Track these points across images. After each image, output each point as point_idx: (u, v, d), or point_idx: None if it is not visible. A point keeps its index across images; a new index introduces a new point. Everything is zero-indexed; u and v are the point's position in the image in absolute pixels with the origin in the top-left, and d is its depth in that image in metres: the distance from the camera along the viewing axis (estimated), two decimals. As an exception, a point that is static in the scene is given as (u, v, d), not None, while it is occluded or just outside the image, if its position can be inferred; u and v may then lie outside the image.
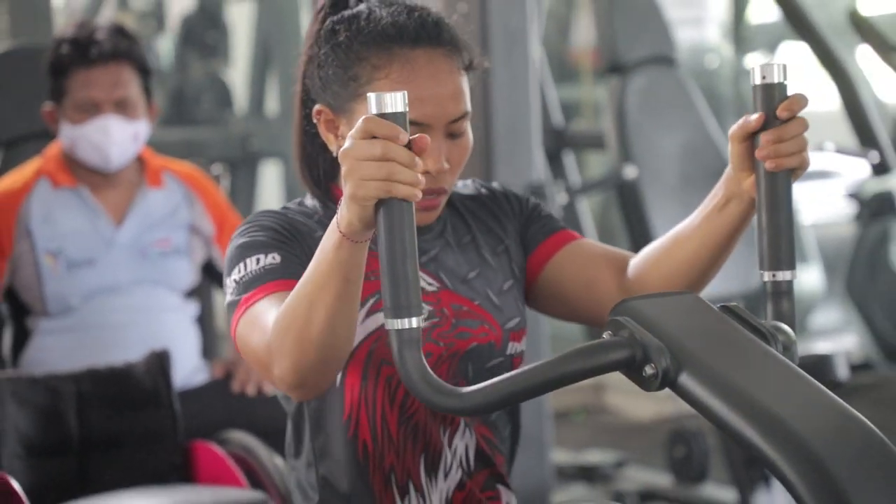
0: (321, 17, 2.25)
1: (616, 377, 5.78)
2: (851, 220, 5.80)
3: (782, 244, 2.06)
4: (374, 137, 1.78)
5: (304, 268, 2.01)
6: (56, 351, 3.50)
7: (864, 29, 5.76)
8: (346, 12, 2.22)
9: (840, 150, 5.30)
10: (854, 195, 5.68)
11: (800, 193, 6.28)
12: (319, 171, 2.31)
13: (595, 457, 5.18)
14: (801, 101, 2.01)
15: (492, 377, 2.13)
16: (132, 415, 3.21)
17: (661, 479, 5.01)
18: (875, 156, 5.40)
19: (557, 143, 5.26)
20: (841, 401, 1.76)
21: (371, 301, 2.23)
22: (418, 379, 1.82)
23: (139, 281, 3.61)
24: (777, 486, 4.60)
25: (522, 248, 2.40)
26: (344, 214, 1.84)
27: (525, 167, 4.25)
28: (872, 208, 5.60)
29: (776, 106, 2.00)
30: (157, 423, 3.22)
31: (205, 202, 3.70)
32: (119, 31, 3.58)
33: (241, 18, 7.35)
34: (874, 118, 5.48)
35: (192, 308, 3.69)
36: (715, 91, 5.78)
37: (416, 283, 1.81)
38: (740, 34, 6.53)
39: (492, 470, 2.33)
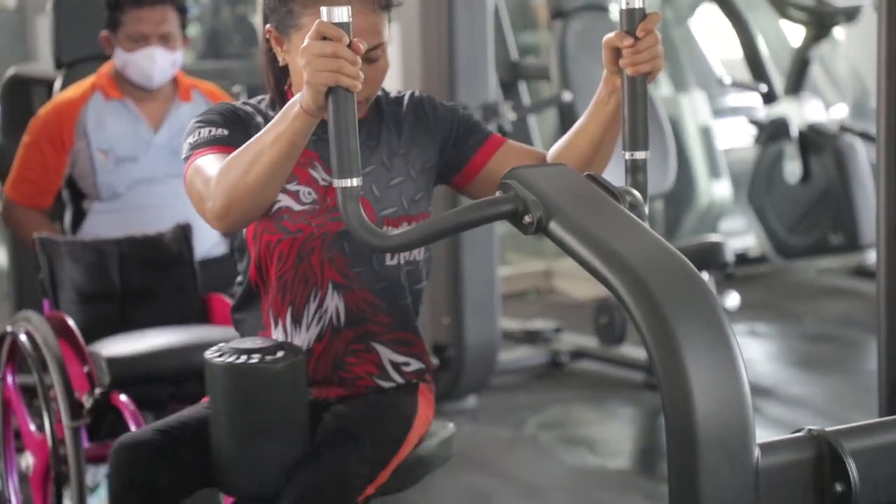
0: None
1: (564, 267, 6.17)
2: (753, 144, 5.91)
3: (639, 131, 2.12)
4: (325, 38, 1.88)
5: (243, 143, 2.09)
6: (105, 227, 3.52)
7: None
8: None
9: (735, 83, 5.42)
10: (754, 121, 5.79)
11: (717, 127, 6.38)
12: (275, 76, 2.36)
13: (538, 325, 5.26)
14: (654, 19, 2.08)
15: (374, 255, 2.27)
16: (161, 272, 3.29)
17: (589, 342, 5.11)
18: (764, 87, 5.54)
19: (513, 74, 5.30)
20: (661, 238, 1.83)
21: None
22: (356, 224, 1.91)
23: (171, 174, 3.62)
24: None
25: (451, 152, 2.37)
26: (304, 96, 1.94)
27: (482, 90, 4.37)
28: (769, 132, 5.71)
29: (636, 25, 2.07)
30: (180, 278, 3.30)
31: None
32: None
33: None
34: (764, 58, 5.60)
35: None
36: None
37: (356, 152, 1.90)
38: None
39: (364, 328, 2.35)
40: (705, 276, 4.53)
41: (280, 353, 2.21)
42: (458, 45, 4.29)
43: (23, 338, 3.01)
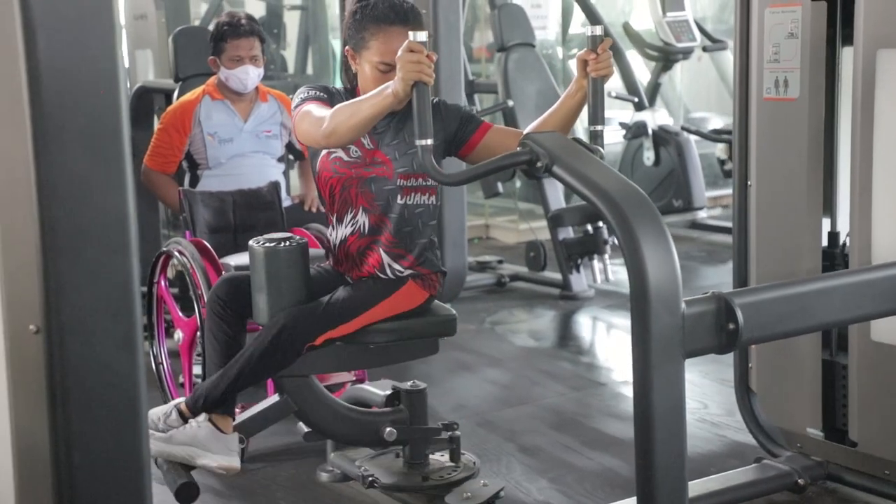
0: (354, 2, 2.40)
1: (497, 221, 5.99)
2: (622, 139, 5.95)
3: (598, 112, 2.24)
4: (412, 52, 2.02)
5: (333, 105, 2.20)
6: (213, 186, 3.51)
7: (630, 34, 5.97)
8: (364, 2, 2.36)
9: (618, 96, 5.56)
10: (623, 124, 5.84)
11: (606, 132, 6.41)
12: (349, 78, 2.44)
13: (486, 258, 5.31)
14: (608, 42, 2.22)
15: (390, 196, 2.34)
16: (261, 213, 3.36)
17: (520, 268, 5.15)
18: (634, 99, 5.67)
19: (470, 89, 5.32)
20: (623, 176, 1.95)
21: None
22: (429, 165, 2.05)
23: (255, 151, 3.61)
24: (583, 270, 4.77)
25: (457, 134, 2.40)
26: (396, 86, 2.04)
27: (457, 98, 4.35)
28: (633, 131, 5.77)
29: (597, 46, 2.21)
30: (273, 217, 3.37)
31: (288, 111, 3.65)
32: (251, 18, 3.61)
33: (291, 21, 7.19)
34: (636, 79, 5.72)
35: (280, 167, 3.67)
36: (551, 64, 5.91)
37: (430, 122, 2.01)
38: (565, 37, 6.63)
39: (376, 238, 2.41)
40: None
41: (286, 243, 2.38)
42: (442, 70, 4.29)
43: (176, 254, 3.12)
